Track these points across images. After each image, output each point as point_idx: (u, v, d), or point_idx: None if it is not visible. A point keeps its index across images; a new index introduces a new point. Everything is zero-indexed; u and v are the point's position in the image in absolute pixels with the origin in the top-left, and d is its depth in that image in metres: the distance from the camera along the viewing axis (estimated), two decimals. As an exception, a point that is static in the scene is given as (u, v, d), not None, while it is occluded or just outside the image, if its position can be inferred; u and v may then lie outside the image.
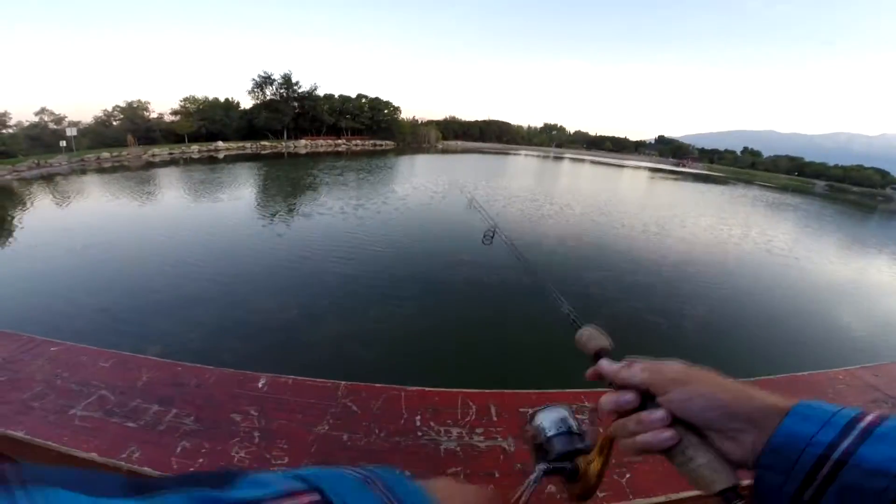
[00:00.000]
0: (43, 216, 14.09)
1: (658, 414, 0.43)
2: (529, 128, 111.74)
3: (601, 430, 0.52)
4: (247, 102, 55.93)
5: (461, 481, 0.52)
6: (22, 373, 0.94)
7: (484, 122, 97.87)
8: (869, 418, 0.34)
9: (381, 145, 62.14)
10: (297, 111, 56.43)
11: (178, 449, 0.75)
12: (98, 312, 6.68)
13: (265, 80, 55.12)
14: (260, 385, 0.92)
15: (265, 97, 55.16)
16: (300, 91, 57.10)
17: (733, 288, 10.16)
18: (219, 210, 15.11)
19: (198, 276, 8.34)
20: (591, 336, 0.57)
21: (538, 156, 71.79)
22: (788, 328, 8.15)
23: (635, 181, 42.23)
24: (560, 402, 0.61)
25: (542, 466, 0.53)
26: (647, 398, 0.45)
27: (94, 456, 0.74)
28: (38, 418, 0.82)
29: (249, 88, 55.04)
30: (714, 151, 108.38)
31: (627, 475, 0.77)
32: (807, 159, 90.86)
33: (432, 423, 0.86)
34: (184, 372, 0.95)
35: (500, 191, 22.60)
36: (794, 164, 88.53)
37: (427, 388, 0.96)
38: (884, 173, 74.88)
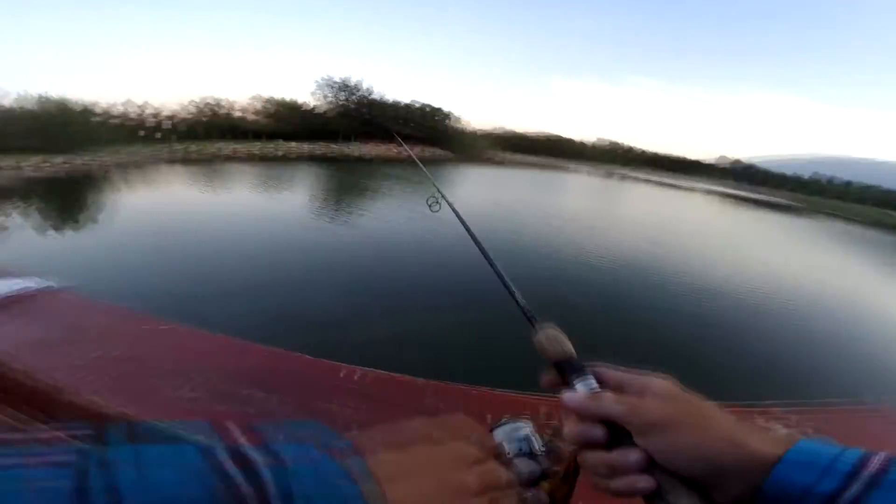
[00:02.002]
0: (130, 204, 15.71)
1: (633, 457, 0.36)
2: (588, 144, 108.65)
3: (563, 448, 0.48)
4: (314, 103, 57.93)
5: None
6: (146, 354, 1.03)
7: (541, 135, 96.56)
8: (876, 462, 0.30)
9: (438, 154, 62.67)
10: (362, 116, 58.45)
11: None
12: (167, 294, 7.04)
13: (331, 84, 57.56)
14: (356, 377, 0.97)
15: (332, 100, 57.54)
16: (366, 96, 59.20)
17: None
18: (285, 208, 16.05)
19: (258, 266, 8.76)
20: (553, 340, 0.47)
21: (596, 173, 69.90)
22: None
23: (702, 207, 39.81)
24: (520, 416, 0.54)
25: None
26: (617, 430, 0.38)
27: None
28: (152, 397, 0.90)
29: (317, 91, 57.56)
30: (796, 178, 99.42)
31: None
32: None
33: None
34: (286, 360, 1.02)
35: (555, 206, 22.18)
36: (890, 197, 79.35)
37: (504, 392, 0.97)
38: None
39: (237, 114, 49.49)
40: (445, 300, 8.05)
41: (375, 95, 61.34)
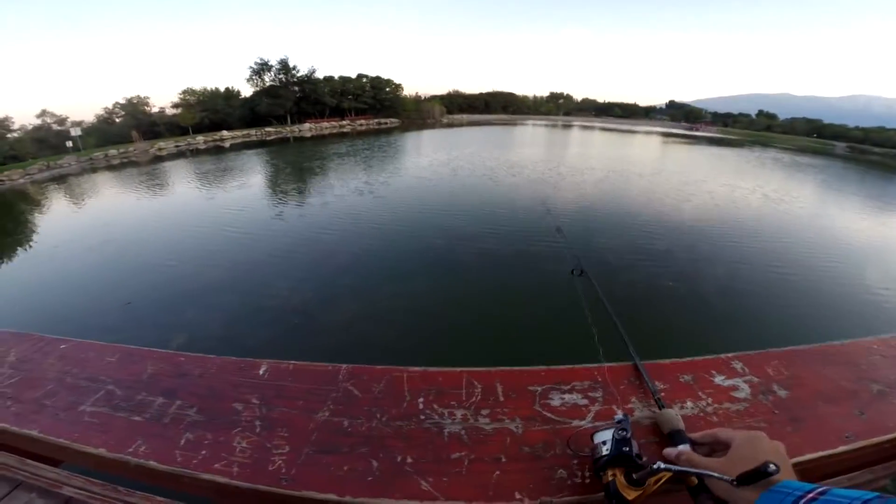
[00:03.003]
0: (61, 216, 14.33)
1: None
2: (535, 97, 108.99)
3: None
4: (246, 90, 55.57)
5: None
6: (34, 372, 0.96)
7: (489, 94, 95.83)
8: (811, 494, 0.49)
9: (386, 123, 61.64)
10: (298, 95, 55.96)
11: (182, 441, 0.76)
12: (124, 307, 6.83)
13: (263, 67, 54.66)
14: (261, 372, 0.91)
15: (264, 84, 54.72)
16: (299, 75, 56.56)
17: (756, 251, 9.93)
18: (232, 198, 15.20)
19: (217, 265, 8.46)
20: (670, 418, 0.77)
21: (546, 125, 70.54)
22: (814, 292, 7.94)
23: (648, 146, 41.09)
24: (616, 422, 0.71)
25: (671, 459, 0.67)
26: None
27: (103, 452, 0.76)
28: (50, 416, 0.84)
29: (248, 76, 54.72)
30: (727, 115, 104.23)
31: None
32: (825, 121, 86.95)
33: (436, 406, 0.83)
34: (186, 362, 0.96)
35: (510, 160, 22.24)
36: (812, 126, 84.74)
37: (430, 369, 0.94)
38: (908, 133, 71.43)
39: (156, 109, 46.29)
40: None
41: (317, 73, 58.70)
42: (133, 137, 38.55)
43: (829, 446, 0.82)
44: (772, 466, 0.59)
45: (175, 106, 47.45)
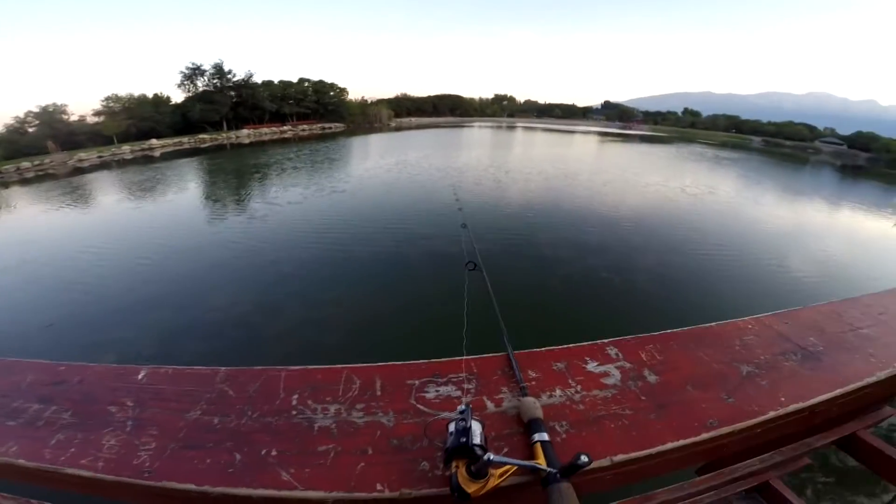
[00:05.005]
0: None
1: None
2: (481, 99, 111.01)
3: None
4: (177, 96, 52.48)
5: None
6: None
7: (436, 96, 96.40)
8: None
9: (331, 128, 60.44)
10: (234, 100, 53.54)
11: (53, 441, 0.77)
12: (44, 329, 6.34)
13: (195, 71, 51.80)
14: (139, 377, 0.93)
15: (197, 89, 51.92)
16: (235, 80, 54.23)
17: (682, 241, 10.76)
18: (162, 210, 14.37)
19: (149, 280, 8.03)
20: (529, 406, 0.75)
21: (491, 126, 72.17)
22: (737, 274, 8.76)
23: (586, 146, 43.18)
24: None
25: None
26: None
27: None
28: None
29: (178, 81, 51.79)
30: (657, 113, 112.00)
31: None
32: (742, 117, 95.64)
33: (310, 402, 0.86)
34: (66, 371, 0.96)
35: (458, 162, 22.53)
36: (731, 122, 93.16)
37: (310, 367, 0.97)
38: (812, 128, 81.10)
39: (92, 119, 42.44)
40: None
41: (255, 78, 56.52)
42: (49, 148, 35.17)
43: (692, 434, 0.79)
44: (583, 458, 0.60)
45: (97, 114, 43.77)
